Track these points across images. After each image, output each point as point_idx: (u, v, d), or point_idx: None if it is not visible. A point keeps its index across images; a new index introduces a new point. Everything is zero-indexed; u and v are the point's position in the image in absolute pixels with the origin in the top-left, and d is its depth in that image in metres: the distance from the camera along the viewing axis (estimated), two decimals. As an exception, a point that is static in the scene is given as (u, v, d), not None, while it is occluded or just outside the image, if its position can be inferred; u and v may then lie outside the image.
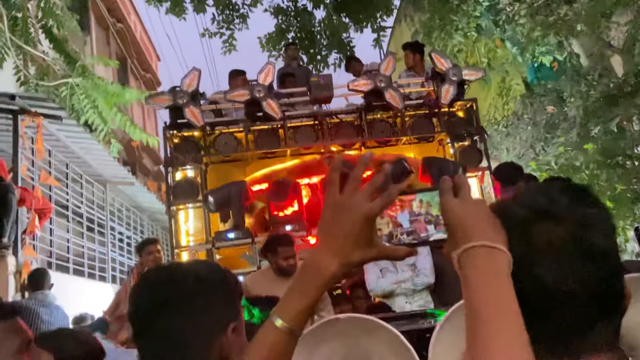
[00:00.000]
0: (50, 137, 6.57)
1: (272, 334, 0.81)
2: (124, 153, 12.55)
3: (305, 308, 0.82)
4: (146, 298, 1.05)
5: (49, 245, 6.82)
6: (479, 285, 0.73)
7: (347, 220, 0.80)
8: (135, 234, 10.78)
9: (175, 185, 5.31)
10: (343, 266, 0.81)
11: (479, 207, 0.81)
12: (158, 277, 1.08)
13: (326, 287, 0.83)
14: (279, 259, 3.75)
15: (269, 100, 5.27)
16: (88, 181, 8.25)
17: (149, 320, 1.03)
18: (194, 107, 5.19)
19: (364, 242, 0.81)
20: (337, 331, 1.35)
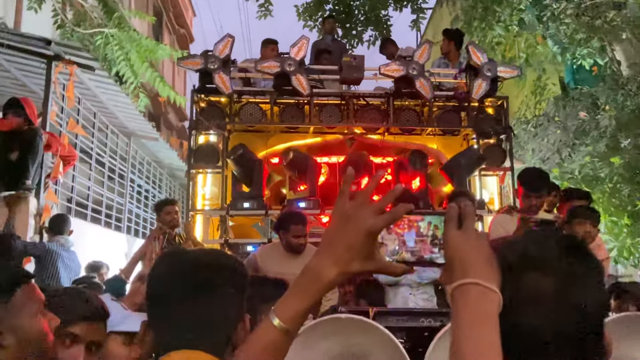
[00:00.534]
0: (81, 86, 6.65)
1: (269, 332, 0.85)
2: (150, 106, 12.66)
3: (303, 310, 0.86)
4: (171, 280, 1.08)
5: (70, 191, 7.00)
6: (467, 322, 0.76)
7: (350, 232, 0.84)
8: (153, 188, 10.97)
9: (197, 149, 5.39)
10: (342, 275, 0.85)
11: (479, 243, 0.84)
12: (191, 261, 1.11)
13: (324, 292, 0.87)
14: (289, 237, 3.81)
15: (299, 75, 5.25)
16: (113, 132, 8.38)
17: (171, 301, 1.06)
18: (224, 74, 5.20)
19: (365, 255, 0.84)
20: (337, 329, 1.40)
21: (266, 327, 0.85)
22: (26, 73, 6.51)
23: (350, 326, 1.44)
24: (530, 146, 8.28)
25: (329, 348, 1.36)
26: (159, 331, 1.09)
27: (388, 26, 11.63)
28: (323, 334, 1.36)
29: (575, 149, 7.62)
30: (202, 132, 5.49)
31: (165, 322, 1.08)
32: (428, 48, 5.41)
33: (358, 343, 1.40)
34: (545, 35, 8.93)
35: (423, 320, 2.45)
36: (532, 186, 3.58)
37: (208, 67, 5.15)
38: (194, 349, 1.03)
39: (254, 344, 0.86)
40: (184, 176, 11.54)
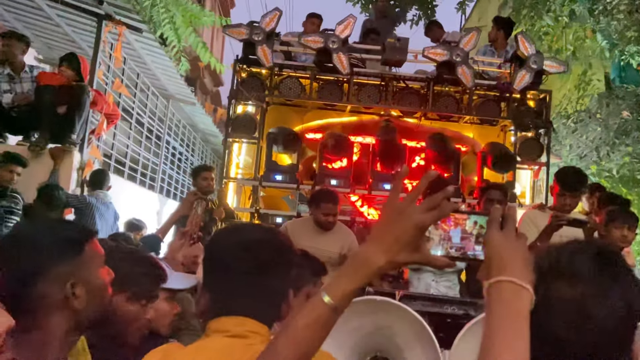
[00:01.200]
0: (127, 46, 6.80)
1: (318, 307, 0.94)
2: (189, 70, 12.83)
3: (351, 291, 0.94)
4: (243, 253, 1.18)
5: (110, 148, 7.24)
6: (499, 317, 0.85)
7: (401, 225, 0.92)
8: (187, 151, 11.20)
9: (235, 118, 5.49)
10: (389, 263, 0.93)
11: (518, 244, 0.91)
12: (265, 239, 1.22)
13: (372, 278, 0.95)
14: (319, 213, 3.91)
15: (340, 54, 5.26)
16: (154, 94, 8.56)
17: (230, 270, 1.17)
18: (267, 46, 5.26)
19: (412, 247, 0.92)
20: (370, 309, 1.48)
21: (316, 302, 0.94)
22: (76, 29, 6.68)
23: (384, 308, 1.53)
24: (568, 142, 8.13)
25: (361, 325, 1.45)
26: (214, 297, 1.20)
27: (433, 7, 11.39)
28: (357, 312, 1.45)
29: (615, 148, 7.45)
30: (241, 102, 5.58)
31: (222, 290, 1.18)
32: (476, 36, 5.34)
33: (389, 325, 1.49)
34: (595, 29, 8.64)
35: (447, 308, 2.52)
36: (568, 185, 3.55)
37: (252, 38, 5.21)
38: (240, 315, 1.13)
39: (303, 316, 0.94)
40: (217, 142, 11.75)
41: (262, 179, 5.29)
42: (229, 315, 1.15)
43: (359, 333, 1.47)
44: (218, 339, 1.13)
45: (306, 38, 5.35)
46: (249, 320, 1.13)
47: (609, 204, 3.91)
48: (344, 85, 5.58)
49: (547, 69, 5.28)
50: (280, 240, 1.22)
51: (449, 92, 5.64)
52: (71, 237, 1.24)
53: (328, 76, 5.58)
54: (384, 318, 1.52)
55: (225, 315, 1.15)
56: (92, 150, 5.70)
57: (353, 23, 5.31)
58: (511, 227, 0.92)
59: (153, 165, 8.92)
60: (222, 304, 1.17)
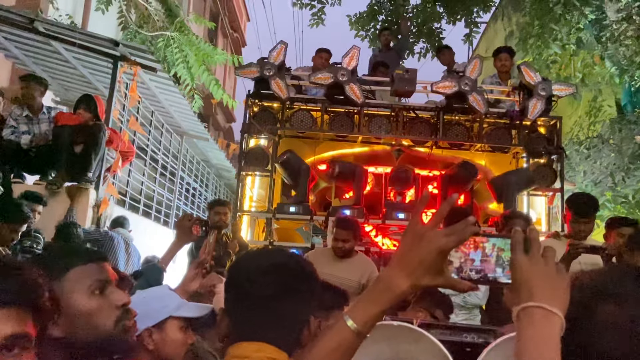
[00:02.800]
0: (142, 85, 6.98)
1: (342, 332, 0.94)
2: (202, 107, 13.07)
3: (375, 315, 0.95)
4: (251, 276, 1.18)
5: (125, 185, 7.34)
6: (529, 342, 0.84)
7: (423, 249, 0.93)
8: (201, 187, 11.30)
9: (248, 152, 5.56)
10: (413, 287, 0.94)
11: (546, 268, 0.90)
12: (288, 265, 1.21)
13: (395, 301, 0.96)
14: (333, 241, 3.92)
15: (352, 84, 5.35)
16: (168, 131, 8.72)
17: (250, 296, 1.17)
18: (280, 79, 5.37)
19: (435, 270, 0.93)
20: (388, 335, 1.46)
21: (340, 327, 0.94)
22: (92, 71, 6.89)
23: (402, 333, 1.51)
24: (582, 168, 8.07)
25: (380, 351, 1.43)
26: (234, 321, 1.20)
27: (440, 39, 11.59)
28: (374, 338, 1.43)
29: (630, 174, 7.38)
30: (254, 136, 5.66)
31: (242, 315, 1.18)
32: (479, 63, 5.41)
33: (407, 350, 1.47)
34: (603, 56, 8.71)
35: (466, 336, 2.47)
36: (581, 211, 3.53)
37: (264, 74, 5.34)
38: (260, 341, 1.13)
39: (327, 341, 0.94)
40: (230, 176, 11.85)
41: (275, 211, 5.31)
42: (249, 341, 1.14)
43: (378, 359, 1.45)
44: None
45: (316, 76, 5.45)
46: (269, 347, 1.12)
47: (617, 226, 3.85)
48: (355, 117, 5.66)
49: (556, 92, 5.33)
50: (302, 266, 1.21)
51: (459, 121, 5.68)
52: None
53: (339, 108, 5.67)
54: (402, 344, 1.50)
55: (245, 340, 1.15)
56: (108, 187, 5.78)
57: (357, 53, 5.42)
58: (536, 250, 0.92)
59: (167, 201, 9.00)
60: (242, 329, 1.17)
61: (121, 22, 8.95)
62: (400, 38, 9.45)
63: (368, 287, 0.98)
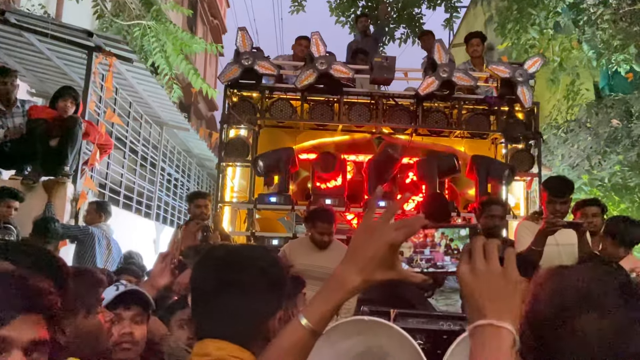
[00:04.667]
0: (118, 76, 6.86)
1: (296, 331, 0.94)
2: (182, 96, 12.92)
3: (328, 312, 0.95)
4: (214, 275, 1.19)
5: (104, 178, 7.25)
6: None
7: (374, 244, 0.93)
8: (183, 177, 11.21)
9: (228, 142, 5.52)
10: (365, 282, 0.94)
11: (495, 280, 0.86)
12: (227, 259, 1.22)
13: (348, 298, 0.96)
14: (315, 232, 3.93)
15: (334, 66, 5.28)
16: (147, 122, 8.61)
17: (213, 294, 1.18)
18: (261, 60, 5.31)
19: (386, 265, 0.93)
20: (360, 329, 1.48)
21: (294, 326, 0.94)
22: (67, 62, 6.75)
23: (373, 328, 1.53)
24: (559, 152, 8.18)
25: (351, 347, 1.44)
26: (198, 318, 1.21)
27: (420, 24, 11.56)
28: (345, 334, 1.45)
29: (606, 157, 7.50)
30: (233, 126, 5.62)
31: (200, 312, 1.20)
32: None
33: (380, 345, 1.49)
34: (581, 40, 8.78)
35: (442, 324, 2.51)
36: (557, 191, 3.60)
37: (244, 65, 5.27)
38: (224, 339, 1.13)
39: (282, 341, 0.95)
40: (212, 166, 11.77)
41: (256, 201, 5.29)
42: (212, 338, 1.15)
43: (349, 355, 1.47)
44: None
45: (300, 80, 5.34)
46: (230, 345, 1.12)
47: (582, 206, 3.97)
48: (335, 105, 5.64)
49: (531, 70, 5.41)
50: (249, 260, 1.21)
51: (438, 108, 5.70)
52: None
53: (318, 97, 5.64)
54: (374, 338, 1.52)
55: (208, 337, 1.15)
56: (85, 181, 5.71)
57: (317, 37, 5.37)
58: (480, 262, 0.87)
59: (148, 192, 8.92)
60: (204, 326, 1.18)
61: (96, 11, 8.75)
62: (378, 24, 9.41)
63: (322, 285, 0.98)
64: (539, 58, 5.57)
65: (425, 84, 5.30)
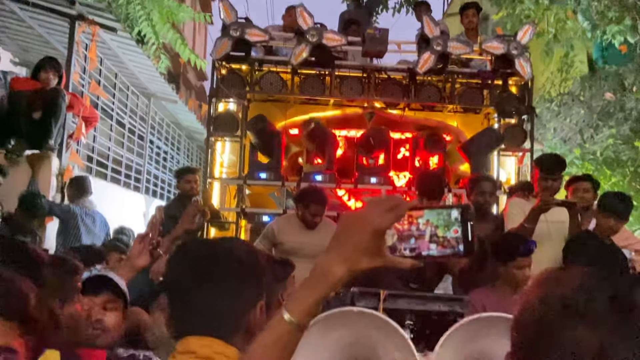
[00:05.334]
0: (103, 46, 6.66)
1: (280, 326, 0.89)
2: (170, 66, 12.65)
3: (312, 305, 0.90)
4: (187, 269, 1.15)
5: (90, 151, 7.11)
6: None
7: (357, 232, 0.88)
8: (172, 150, 11.08)
9: (217, 117, 5.41)
10: (350, 272, 0.89)
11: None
12: (201, 251, 1.17)
13: (333, 289, 0.91)
14: (306, 213, 3.88)
15: (326, 35, 5.12)
16: (134, 93, 8.42)
17: (187, 289, 1.13)
18: (250, 28, 5.14)
19: (372, 252, 0.88)
20: (349, 321, 1.45)
21: (277, 321, 0.90)
22: (50, 31, 6.53)
23: (362, 318, 1.49)
24: (552, 125, 8.14)
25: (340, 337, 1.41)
26: (175, 315, 1.17)
27: (415, -8, 11.32)
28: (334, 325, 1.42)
29: (598, 131, 7.48)
30: (222, 100, 5.50)
31: (178, 309, 1.15)
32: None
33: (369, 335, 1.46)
34: (576, 11, 8.63)
35: (432, 305, 2.50)
36: (549, 169, 3.61)
37: (233, 35, 5.11)
38: (205, 335, 1.09)
39: (266, 336, 0.90)
40: (202, 139, 11.61)
41: (246, 177, 5.22)
42: (194, 335, 1.10)
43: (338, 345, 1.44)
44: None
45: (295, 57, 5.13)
46: (216, 341, 1.09)
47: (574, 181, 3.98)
48: (326, 79, 5.52)
49: (524, 41, 5.28)
50: (224, 253, 1.16)
51: (431, 82, 5.60)
52: None
53: (309, 70, 5.51)
54: (363, 328, 1.49)
55: (190, 334, 1.11)
56: (72, 155, 5.59)
57: (302, 9, 5.18)
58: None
59: (137, 165, 8.80)
60: (184, 322, 1.14)
61: (79, -23, 8.45)
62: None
63: (306, 277, 0.93)
64: (530, 26, 5.42)
65: (422, 61, 5.16)
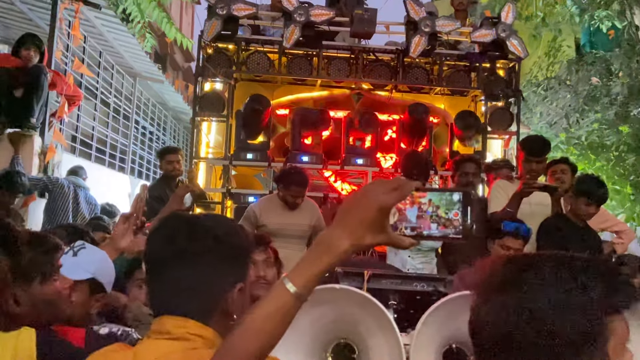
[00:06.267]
0: (87, 23, 6.52)
1: (281, 296, 0.89)
2: (157, 46, 12.44)
3: (314, 277, 0.91)
4: (165, 245, 1.12)
5: (74, 130, 7.00)
6: None
7: (363, 207, 0.90)
8: (158, 130, 10.96)
9: (203, 96, 5.34)
10: (354, 247, 0.90)
11: None
12: (180, 227, 1.14)
13: (336, 262, 0.92)
14: (287, 195, 3.89)
15: (313, 11, 5.04)
16: (119, 72, 8.28)
17: (164, 266, 1.11)
18: (236, 3, 5.03)
19: (376, 229, 0.90)
20: (332, 297, 1.45)
21: (279, 290, 0.89)
22: (31, 7, 6.37)
23: (346, 297, 1.49)
24: (538, 109, 8.18)
25: (323, 314, 1.41)
26: (153, 293, 1.15)
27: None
28: (317, 301, 1.42)
29: (584, 115, 7.53)
30: (209, 79, 5.42)
31: (155, 287, 1.13)
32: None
33: (351, 313, 1.46)
34: (565, -6, 8.65)
35: (416, 285, 2.51)
36: (533, 151, 3.63)
37: (219, 13, 5.01)
38: (181, 315, 1.07)
39: (265, 305, 0.90)
40: (189, 120, 11.52)
41: (232, 157, 5.18)
42: (170, 315, 1.08)
43: (321, 322, 1.44)
44: (158, 342, 1.07)
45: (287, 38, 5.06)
46: (190, 322, 1.06)
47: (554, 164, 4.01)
48: (314, 59, 5.46)
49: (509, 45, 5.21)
50: (221, 229, 1.13)
51: (419, 64, 5.57)
52: None
53: (297, 50, 5.45)
54: (346, 306, 1.49)
55: (165, 314, 1.09)
56: (55, 134, 5.51)
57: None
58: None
59: (122, 146, 8.70)
60: (160, 300, 1.12)
61: (61, -48, 8.23)
62: None
63: (309, 249, 0.93)
64: (509, 4, 5.39)
65: (414, 45, 5.11)
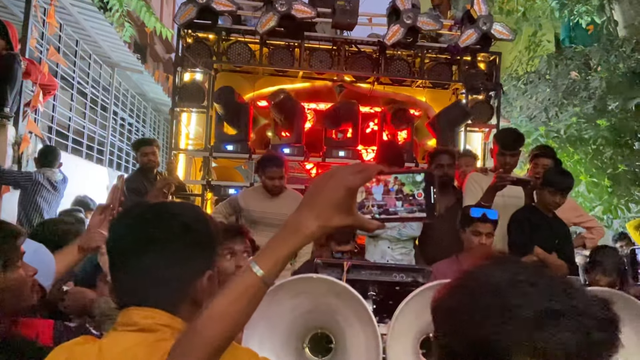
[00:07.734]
0: (63, 11, 6.36)
1: (248, 278, 0.88)
2: (137, 36, 12.24)
3: (281, 259, 0.90)
4: (129, 233, 1.09)
5: (50, 121, 6.84)
6: None
7: (331, 188, 0.89)
8: (137, 122, 10.79)
9: (182, 87, 5.27)
10: (321, 228, 0.90)
11: None
12: (144, 215, 1.10)
13: (303, 244, 0.91)
14: (265, 179, 3.88)
15: (295, 5, 4.98)
16: (96, 62, 8.11)
17: (129, 254, 1.07)
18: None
19: (343, 210, 0.90)
20: (308, 287, 1.42)
21: (246, 273, 0.88)
22: (5, -7, 6.20)
23: (322, 287, 1.47)
24: (518, 103, 8.26)
25: (298, 304, 1.39)
26: (114, 282, 1.11)
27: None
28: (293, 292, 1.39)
29: (563, 109, 7.62)
30: (188, 70, 5.34)
31: (119, 277, 1.09)
32: None
33: (328, 303, 1.44)
34: (546, -11, 8.72)
35: (395, 275, 2.50)
36: (507, 144, 3.65)
37: (201, 3, 4.93)
38: (149, 306, 1.04)
39: (233, 288, 0.88)
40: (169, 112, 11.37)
41: (212, 149, 5.13)
42: (137, 306, 1.05)
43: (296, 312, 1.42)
44: (125, 334, 1.03)
45: (262, 24, 4.98)
46: (159, 312, 1.03)
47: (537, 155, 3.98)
48: (295, 51, 5.42)
49: (495, 33, 5.25)
50: (188, 215, 1.10)
51: (401, 56, 5.57)
52: None
53: (278, 41, 5.39)
54: (323, 296, 1.47)
55: (132, 305, 1.06)
56: (29, 124, 5.37)
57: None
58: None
59: (100, 137, 8.54)
60: (126, 291, 1.08)
61: (36, -63, 8.01)
62: None
63: (277, 232, 0.92)
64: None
65: (391, 33, 5.12)
